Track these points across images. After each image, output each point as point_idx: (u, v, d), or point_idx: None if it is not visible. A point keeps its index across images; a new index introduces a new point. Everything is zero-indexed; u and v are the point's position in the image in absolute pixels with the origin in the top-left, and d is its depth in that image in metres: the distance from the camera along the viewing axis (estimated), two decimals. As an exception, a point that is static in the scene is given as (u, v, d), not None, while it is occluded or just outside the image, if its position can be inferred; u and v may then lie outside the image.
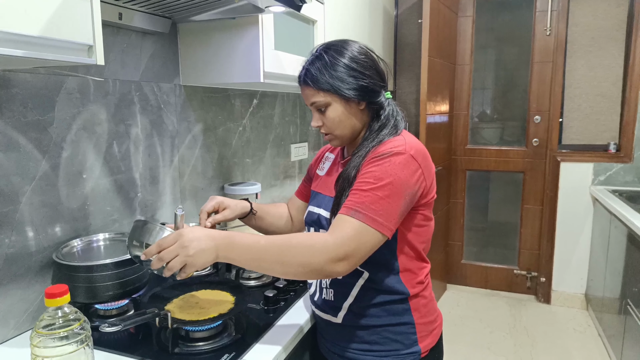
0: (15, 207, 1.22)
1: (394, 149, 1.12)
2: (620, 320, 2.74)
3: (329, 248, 1.03)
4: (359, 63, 1.19)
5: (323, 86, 1.18)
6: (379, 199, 1.07)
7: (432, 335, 1.27)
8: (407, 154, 1.11)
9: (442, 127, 3.66)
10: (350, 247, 1.03)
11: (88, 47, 0.98)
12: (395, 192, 1.08)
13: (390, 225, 1.07)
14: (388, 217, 1.07)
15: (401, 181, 1.08)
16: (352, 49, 1.20)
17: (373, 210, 1.06)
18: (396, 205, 1.08)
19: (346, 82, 1.17)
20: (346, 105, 1.20)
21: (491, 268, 4.12)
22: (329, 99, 1.19)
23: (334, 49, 1.20)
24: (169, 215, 1.79)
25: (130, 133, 1.59)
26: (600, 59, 3.53)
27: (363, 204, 1.06)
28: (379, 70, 1.23)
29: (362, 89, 1.18)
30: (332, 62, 1.18)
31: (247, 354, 1.14)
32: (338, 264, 1.03)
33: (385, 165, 1.10)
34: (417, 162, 1.12)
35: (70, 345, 0.85)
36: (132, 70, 1.59)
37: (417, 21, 3.80)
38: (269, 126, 2.48)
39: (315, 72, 1.19)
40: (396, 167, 1.09)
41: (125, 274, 1.27)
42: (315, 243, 1.04)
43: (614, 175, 3.54)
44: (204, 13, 1.55)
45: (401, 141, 1.15)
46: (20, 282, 1.25)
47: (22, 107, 1.22)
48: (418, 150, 1.15)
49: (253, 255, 1.04)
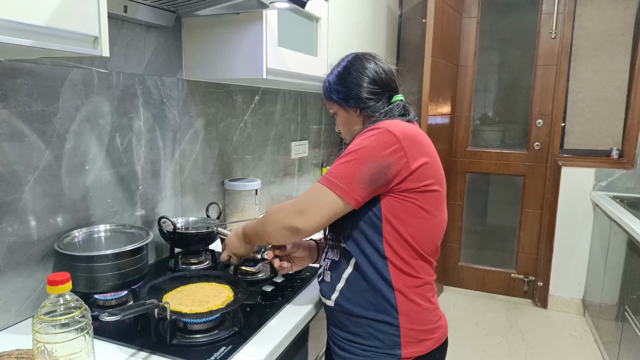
0: (18, 196, 1.23)
1: (372, 127, 1.19)
2: (617, 327, 2.75)
3: (289, 204, 1.20)
4: (350, 74, 1.30)
5: (328, 96, 1.36)
6: (340, 164, 1.15)
7: (422, 344, 1.24)
8: (384, 129, 1.15)
9: (443, 129, 3.66)
10: (307, 203, 1.17)
11: (94, 39, 0.99)
12: (358, 158, 1.13)
13: (348, 189, 1.13)
14: (343, 180, 1.13)
15: (367, 149, 1.13)
16: (347, 59, 1.34)
17: (331, 173, 1.15)
18: (356, 169, 1.13)
19: (341, 93, 1.31)
20: (345, 112, 1.34)
21: (488, 271, 4.12)
22: (334, 107, 1.36)
23: (342, 66, 1.34)
24: (169, 209, 1.80)
25: (132, 126, 1.60)
26: (605, 63, 3.53)
27: (329, 172, 1.16)
28: (373, 77, 1.30)
29: (352, 96, 1.30)
30: (336, 76, 1.33)
31: (244, 347, 1.15)
32: (296, 217, 1.16)
33: (358, 139, 1.17)
34: (396, 137, 1.14)
35: (70, 333, 0.86)
36: (136, 64, 1.60)
37: (421, 21, 3.81)
38: (270, 123, 2.48)
39: (326, 85, 1.36)
40: (367, 139, 1.15)
41: (125, 265, 1.29)
42: (283, 204, 1.22)
43: (615, 181, 3.54)
44: (209, 7, 1.56)
45: (385, 122, 1.20)
46: (22, 270, 1.26)
47: (27, 97, 1.23)
48: (402, 130, 1.16)
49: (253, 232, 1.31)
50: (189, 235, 1.68)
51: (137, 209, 1.66)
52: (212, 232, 1.69)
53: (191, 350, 1.13)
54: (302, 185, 2.93)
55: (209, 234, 1.68)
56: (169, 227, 1.66)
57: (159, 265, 1.72)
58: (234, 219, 2.06)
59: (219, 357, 1.10)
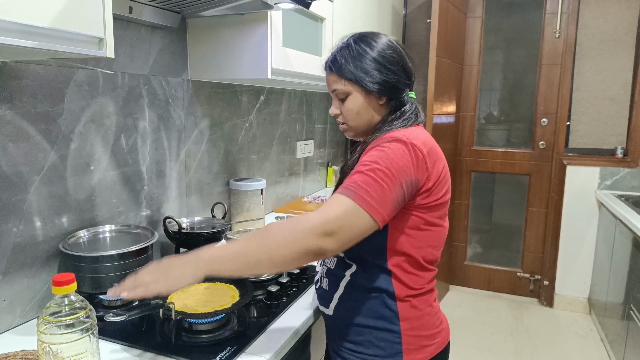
0: (23, 196, 1.23)
1: (395, 136, 1.09)
2: (623, 326, 2.74)
3: (315, 221, 0.99)
4: (386, 57, 1.18)
5: (346, 75, 1.19)
6: (373, 181, 1.02)
7: (425, 351, 1.19)
8: (408, 143, 1.07)
9: (448, 128, 3.66)
10: (337, 223, 0.99)
11: (99, 40, 0.99)
12: (391, 177, 1.03)
13: (382, 211, 1.02)
14: (380, 202, 1.02)
15: (398, 167, 1.04)
16: (381, 42, 1.20)
17: (365, 191, 1.01)
18: (390, 191, 1.03)
19: (370, 75, 1.17)
20: (366, 98, 1.20)
21: (494, 270, 4.12)
22: (350, 88, 1.20)
23: (364, 41, 1.20)
24: (174, 209, 1.81)
25: (137, 126, 1.60)
26: (609, 62, 3.52)
27: (356, 183, 1.03)
28: (405, 67, 1.21)
29: (385, 84, 1.18)
30: (359, 52, 1.18)
31: (249, 347, 1.15)
32: (324, 238, 0.98)
33: (383, 150, 1.06)
34: (422, 152, 1.08)
35: (75, 333, 0.86)
36: (141, 64, 1.60)
37: (426, 21, 3.80)
38: (275, 123, 2.48)
39: (341, 60, 1.19)
40: (394, 153, 1.05)
41: (130, 265, 1.29)
42: (298, 220, 1.01)
43: (620, 180, 3.53)
44: (214, 8, 1.56)
45: (405, 131, 1.13)
46: (27, 270, 1.26)
47: (32, 98, 1.24)
48: (424, 142, 1.10)
49: (234, 256, 1.01)
50: (195, 236, 1.69)
51: (142, 209, 1.66)
52: (217, 232, 1.69)
53: (196, 351, 1.14)
54: (308, 185, 2.93)
55: (214, 234, 1.68)
56: (174, 227, 1.66)
57: (164, 266, 1.72)
58: (240, 218, 2.06)
59: (224, 357, 1.10)
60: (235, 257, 1.00)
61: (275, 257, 0.99)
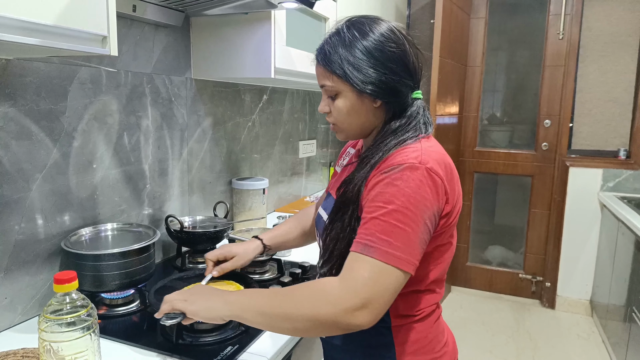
0: (25, 194, 1.23)
1: (407, 161, 0.91)
2: (625, 328, 2.73)
3: (340, 296, 0.84)
4: (384, 52, 0.98)
5: (335, 70, 0.99)
6: (392, 227, 0.87)
7: None
8: (422, 168, 0.90)
9: (451, 129, 3.65)
10: (367, 292, 0.84)
11: (102, 38, 0.99)
12: (411, 217, 0.87)
13: (411, 258, 0.87)
14: (407, 249, 0.86)
15: (417, 203, 0.88)
16: (379, 31, 0.99)
17: (387, 242, 0.86)
18: (415, 233, 0.87)
19: (362, 72, 0.97)
20: (358, 98, 1.00)
21: (496, 271, 4.11)
22: (340, 86, 1.00)
23: (359, 28, 0.99)
24: (177, 208, 1.81)
25: (140, 125, 1.60)
26: (612, 64, 3.51)
27: (374, 235, 0.87)
28: (408, 64, 1.00)
29: (381, 84, 0.98)
30: (350, 42, 0.98)
31: (250, 346, 1.15)
32: (356, 314, 0.83)
33: (396, 183, 0.89)
34: (438, 177, 0.92)
35: (76, 331, 0.86)
36: (144, 63, 1.60)
37: (430, 21, 3.79)
38: (278, 122, 2.48)
39: (330, 51, 1.00)
40: (410, 187, 0.88)
41: (131, 263, 1.29)
42: (321, 291, 0.87)
43: (623, 182, 3.52)
44: (217, 7, 1.56)
45: (417, 151, 0.94)
46: (29, 268, 1.26)
47: (35, 96, 1.24)
48: (438, 160, 0.94)
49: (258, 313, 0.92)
50: (196, 234, 1.68)
51: (144, 207, 1.66)
52: (220, 231, 1.69)
53: (197, 350, 1.13)
54: (310, 185, 2.92)
55: (216, 233, 1.68)
56: (176, 225, 1.66)
57: (166, 264, 1.72)
58: (242, 218, 2.06)
59: (225, 356, 1.10)
60: (259, 314, 0.92)
61: (297, 327, 0.89)
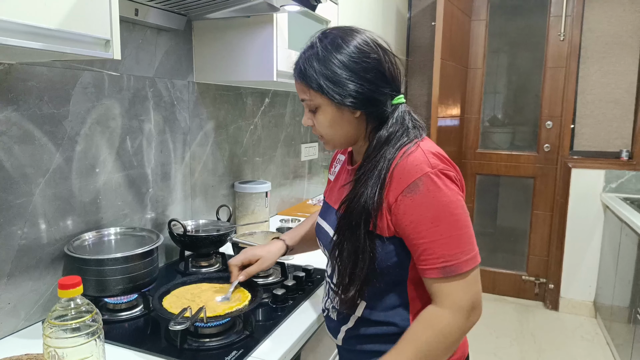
0: (28, 198, 1.23)
1: (419, 171, 0.95)
2: (629, 330, 2.72)
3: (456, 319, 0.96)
4: (359, 63, 0.99)
5: (312, 85, 1.01)
6: (453, 239, 0.95)
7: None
8: (436, 172, 0.95)
9: (452, 131, 3.65)
10: (470, 301, 0.97)
11: (105, 42, 0.98)
12: (458, 219, 0.95)
13: (476, 248, 0.98)
14: (471, 246, 0.97)
15: (453, 205, 0.95)
16: (353, 43, 1.00)
17: (457, 255, 0.94)
18: (468, 229, 0.97)
19: (338, 86, 0.98)
20: (338, 111, 1.02)
21: (499, 273, 4.10)
22: (318, 100, 1.02)
23: (331, 40, 1.01)
24: (179, 211, 1.80)
25: (143, 129, 1.60)
26: (614, 65, 3.51)
27: (445, 256, 0.94)
28: (384, 72, 1.02)
29: (359, 96, 0.99)
30: (325, 56, 0.99)
31: (255, 351, 1.14)
32: (471, 316, 0.98)
33: (428, 199, 0.94)
34: (450, 173, 0.98)
35: (81, 337, 0.85)
36: (147, 66, 1.60)
37: (431, 24, 3.79)
38: (280, 125, 2.48)
39: (305, 66, 1.01)
40: (439, 194, 0.94)
41: (135, 268, 1.28)
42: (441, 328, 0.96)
43: (625, 183, 3.51)
44: (220, 11, 1.56)
45: (421, 156, 0.97)
46: (32, 273, 1.25)
47: (38, 100, 1.23)
48: (441, 159, 0.99)
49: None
50: (199, 238, 1.68)
51: (147, 211, 1.65)
52: (223, 235, 1.68)
53: (202, 354, 1.13)
54: (312, 187, 2.92)
55: (219, 237, 1.68)
56: (179, 229, 1.66)
57: (169, 269, 1.72)
58: (245, 221, 2.05)
59: (231, 361, 1.09)
60: None
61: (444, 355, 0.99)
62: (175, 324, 1.07)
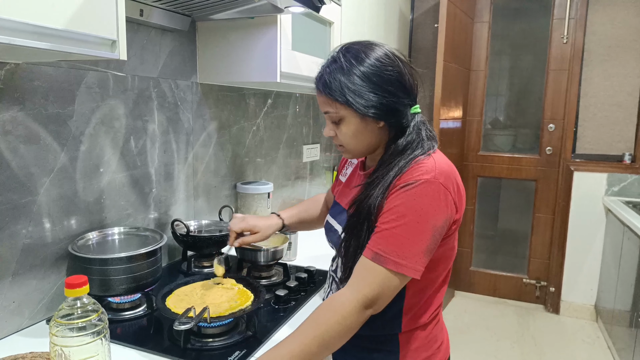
0: (33, 198, 1.23)
1: (422, 176, 0.99)
2: (630, 333, 2.72)
3: (354, 302, 0.96)
4: (382, 76, 1.03)
5: (337, 97, 1.04)
6: (403, 239, 0.96)
7: None
8: (437, 183, 0.98)
9: (454, 133, 3.65)
10: (375, 295, 0.97)
11: (111, 42, 0.99)
12: (420, 229, 0.96)
13: (417, 265, 0.97)
14: (413, 258, 0.96)
15: (428, 216, 0.97)
16: (375, 56, 1.04)
17: (396, 253, 0.96)
18: (422, 243, 0.97)
19: (363, 98, 1.02)
20: (362, 122, 1.06)
21: (500, 276, 4.10)
22: (343, 112, 1.06)
23: (353, 54, 1.05)
24: (182, 212, 1.80)
25: (147, 129, 1.60)
26: (617, 68, 3.51)
27: (386, 246, 0.97)
28: (405, 83, 1.06)
29: (382, 107, 1.03)
30: (349, 69, 1.03)
31: (258, 351, 1.15)
32: (367, 310, 0.97)
33: (410, 197, 0.97)
34: (448, 190, 0.99)
35: (87, 336, 0.85)
36: (151, 67, 1.60)
37: (433, 25, 3.80)
38: (283, 126, 2.48)
39: (330, 80, 1.05)
40: (423, 200, 0.97)
41: (139, 267, 1.29)
42: (338, 305, 0.97)
43: (628, 187, 3.51)
44: (224, 12, 1.56)
45: (431, 165, 1.01)
46: (36, 272, 1.26)
47: (43, 100, 1.24)
48: (449, 173, 1.01)
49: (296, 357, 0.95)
50: (202, 238, 1.68)
51: (150, 211, 1.66)
52: (225, 235, 1.68)
53: (205, 355, 1.13)
54: (314, 189, 2.92)
55: (222, 237, 1.68)
56: (182, 230, 1.66)
57: (171, 268, 1.72)
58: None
59: (234, 361, 1.10)
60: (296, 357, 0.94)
61: (334, 345, 0.98)
62: (180, 323, 1.08)
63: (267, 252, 1.61)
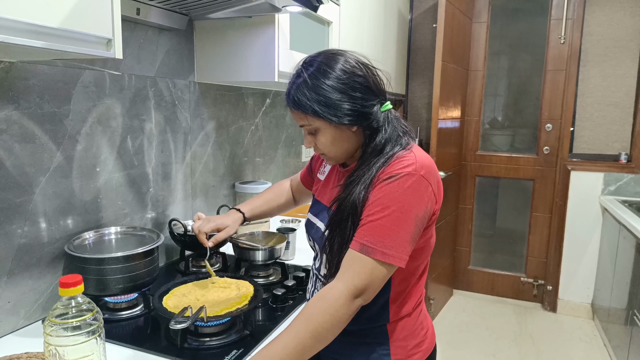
0: (29, 197, 1.23)
1: (405, 169, 1.02)
2: (626, 331, 2.72)
3: (344, 293, 0.98)
4: (347, 85, 1.05)
5: (308, 112, 1.06)
6: (388, 229, 0.99)
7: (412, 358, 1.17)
8: (418, 175, 1.02)
9: (453, 133, 3.65)
10: (363, 285, 0.99)
11: (107, 41, 0.99)
12: (404, 219, 1.00)
13: (402, 255, 1.00)
14: (398, 247, 1.00)
15: (410, 206, 1.00)
16: (338, 67, 1.06)
17: (382, 243, 0.99)
18: (407, 232, 1.00)
19: (332, 108, 1.04)
20: (337, 130, 1.08)
21: (498, 275, 4.10)
22: (316, 124, 1.08)
23: (316, 67, 1.06)
24: (180, 211, 1.80)
25: (144, 128, 1.60)
26: (614, 68, 3.51)
27: (372, 237, 1.00)
28: (371, 86, 1.08)
29: (353, 113, 1.05)
30: (314, 83, 1.05)
31: (255, 350, 1.14)
32: (357, 300, 1.00)
33: (393, 189, 1.01)
34: (429, 181, 1.03)
35: (82, 335, 0.85)
36: (148, 66, 1.60)
37: (432, 25, 3.80)
38: (281, 126, 2.48)
39: (298, 97, 1.06)
40: (405, 192, 1.00)
41: (135, 267, 1.28)
42: (328, 297, 0.99)
43: (624, 186, 3.52)
44: (221, 11, 1.56)
45: (412, 159, 1.04)
46: (32, 272, 1.26)
47: (38, 99, 1.23)
48: (429, 167, 1.05)
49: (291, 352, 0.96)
50: (199, 238, 1.68)
51: (147, 211, 1.65)
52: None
53: (202, 354, 1.13)
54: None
55: (219, 236, 1.68)
56: (180, 229, 1.66)
57: (169, 268, 1.72)
58: (244, 221, 2.05)
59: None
60: (291, 352, 0.96)
61: (327, 338, 1.00)
62: (176, 323, 1.07)
63: (265, 252, 1.61)
